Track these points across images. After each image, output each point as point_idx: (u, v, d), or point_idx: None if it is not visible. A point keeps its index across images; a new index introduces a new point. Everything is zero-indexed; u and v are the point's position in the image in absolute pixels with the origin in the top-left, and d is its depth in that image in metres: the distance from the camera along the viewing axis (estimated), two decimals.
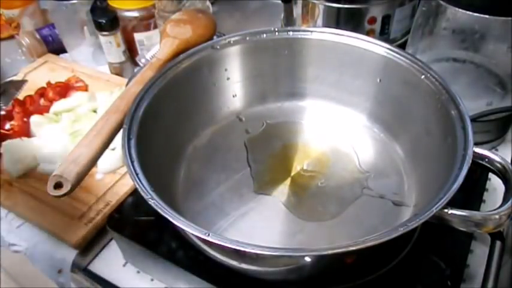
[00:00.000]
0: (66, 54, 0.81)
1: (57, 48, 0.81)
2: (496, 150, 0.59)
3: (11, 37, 0.84)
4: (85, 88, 0.71)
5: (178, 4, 0.68)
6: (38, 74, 0.76)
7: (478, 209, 0.49)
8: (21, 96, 0.69)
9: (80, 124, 0.62)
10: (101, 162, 0.49)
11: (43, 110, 0.66)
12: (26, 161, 0.59)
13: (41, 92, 0.69)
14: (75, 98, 0.67)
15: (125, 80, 0.69)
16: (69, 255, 0.51)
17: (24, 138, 0.62)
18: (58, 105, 0.66)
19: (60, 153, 0.58)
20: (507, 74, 0.54)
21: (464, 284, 0.43)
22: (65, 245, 0.51)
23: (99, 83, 0.72)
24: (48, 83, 0.71)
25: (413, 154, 0.51)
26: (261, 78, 0.58)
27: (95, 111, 0.65)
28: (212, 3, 0.74)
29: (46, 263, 0.53)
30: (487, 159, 0.41)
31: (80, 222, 0.52)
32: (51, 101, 0.67)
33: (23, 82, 0.71)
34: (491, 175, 0.47)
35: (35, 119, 0.64)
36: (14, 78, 0.74)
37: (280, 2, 0.68)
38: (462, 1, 0.49)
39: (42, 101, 0.68)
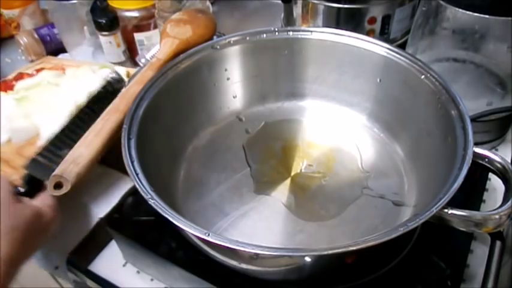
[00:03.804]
0: (66, 54, 0.80)
1: (55, 47, 0.80)
2: (496, 150, 0.59)
3: (11, 37, 0.84)
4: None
5: (178, 4, 0.67)
6: None
7: (478, 209, 0.49)
8: None
9: (32, 91, 0.58)
10: None
11: (7, 88, 0.62)
12: None
13: (18, 78, 0.65)
14: (41, 75, 0.63)
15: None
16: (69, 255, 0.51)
17: None
18: (22, 83, 0.62)
19: (3, 119, 0.54)
20: (507, 74, 0.53)
21: (464, 284, 0.43)
22: (65, 245, 0.51)
23: None
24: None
25: (414, 154, 0.51)
26: (261, 78, 0.58)
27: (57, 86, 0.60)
28: (212, 3, 0.74)
29: (45, 262, 0.53)
30: (487, 159, 0.41)
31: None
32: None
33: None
34: (491, 175, 0.47)
35: None
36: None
37: (280, 2, 0.68)
38: (462, 1, 0.49)
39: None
